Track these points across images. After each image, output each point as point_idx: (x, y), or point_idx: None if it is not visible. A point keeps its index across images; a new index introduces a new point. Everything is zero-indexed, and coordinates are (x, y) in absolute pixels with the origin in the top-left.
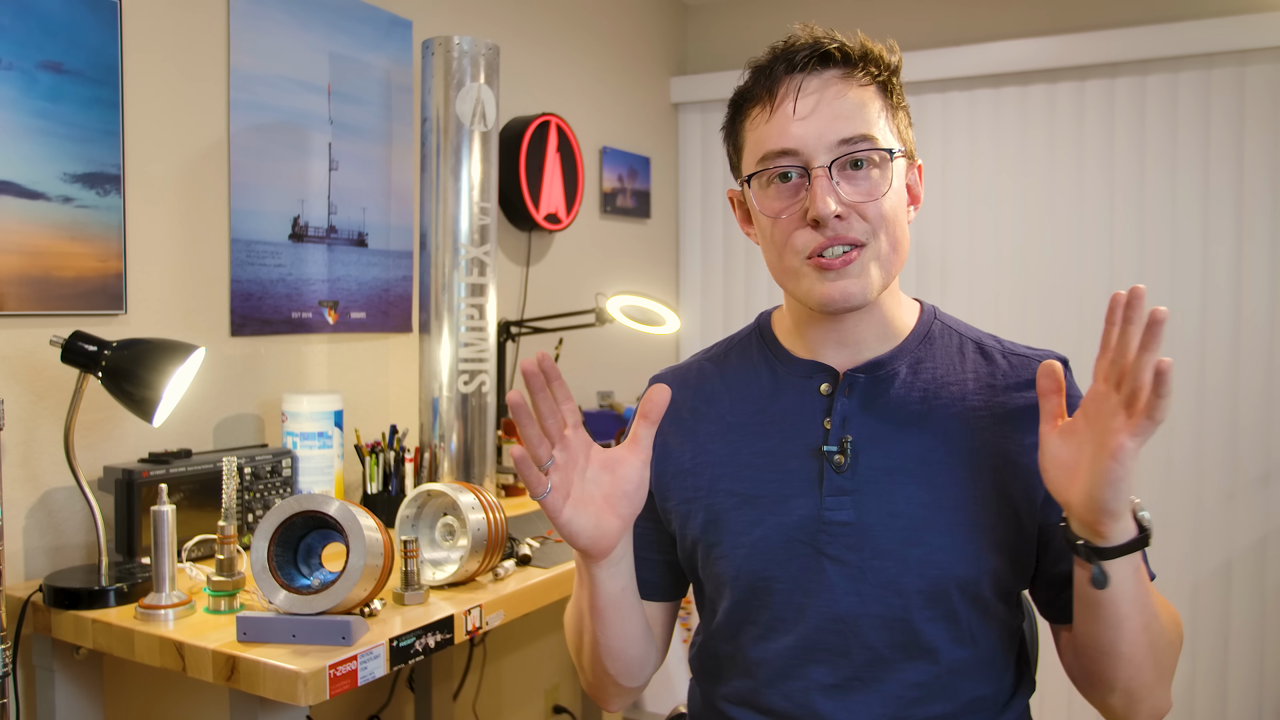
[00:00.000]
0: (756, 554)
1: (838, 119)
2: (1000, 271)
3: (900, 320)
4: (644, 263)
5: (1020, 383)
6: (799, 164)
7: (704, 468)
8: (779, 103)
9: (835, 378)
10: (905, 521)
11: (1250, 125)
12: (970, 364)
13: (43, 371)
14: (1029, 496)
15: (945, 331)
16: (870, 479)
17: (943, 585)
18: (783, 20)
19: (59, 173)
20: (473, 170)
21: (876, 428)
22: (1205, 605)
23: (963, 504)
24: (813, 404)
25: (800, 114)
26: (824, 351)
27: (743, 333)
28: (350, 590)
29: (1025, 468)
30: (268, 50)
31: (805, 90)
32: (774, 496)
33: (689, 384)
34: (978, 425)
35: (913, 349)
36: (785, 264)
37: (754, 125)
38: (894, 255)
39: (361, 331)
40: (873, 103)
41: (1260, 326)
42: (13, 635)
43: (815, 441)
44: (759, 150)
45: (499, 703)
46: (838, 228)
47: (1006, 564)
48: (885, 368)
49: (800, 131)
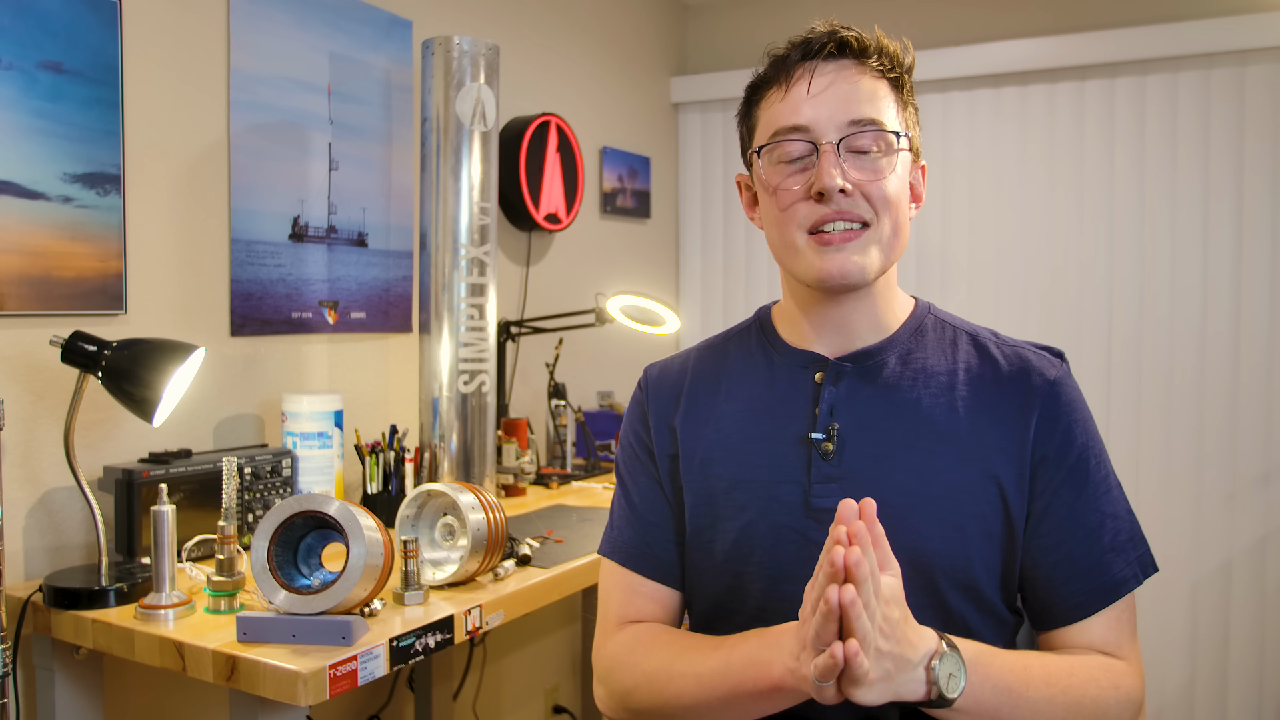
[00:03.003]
0: (744, 538)
1: (849, 101)
2: (1000, 271)
3: (893, 312)
4: (644, 263)
5: (1014, 373)
6: (809, 139)
7: (696, 451)
8: (794, 84)
9: (828, 366)
10: (891, 509)
11: (1250, 125)
12: (963, 355)
13: (43, 371)
14: (1018, 486)
15: (938, 325)
16: (857, 466)
17: (929, 573)
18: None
19: (59, 173)
20: (473, 170)
21: (864, 416)
22: (1205, 605)
23: (950, 492)
24: (805, 392)
25: (814, 93)
26: (818, 340)
27: (743, 324)
28: (350, 590)
29: (1015, 456)
30: (268, 50)
31: (820, 73)
32: (763, 482)
33: (686, 370)
34: (966, 414)
35: (903, 340)
36: (786, 239)
37: (768, 105)
38: (895, 240)
39: (361, 331)
40: (884, 93)
41: (1260, 326)
42: (13, 635)
43: (805, 428)
44: (771, 126)
45: (499, 703)
46: (842, 203)
47: (996, 553)
48: (874, 357)
49: (812, 110)
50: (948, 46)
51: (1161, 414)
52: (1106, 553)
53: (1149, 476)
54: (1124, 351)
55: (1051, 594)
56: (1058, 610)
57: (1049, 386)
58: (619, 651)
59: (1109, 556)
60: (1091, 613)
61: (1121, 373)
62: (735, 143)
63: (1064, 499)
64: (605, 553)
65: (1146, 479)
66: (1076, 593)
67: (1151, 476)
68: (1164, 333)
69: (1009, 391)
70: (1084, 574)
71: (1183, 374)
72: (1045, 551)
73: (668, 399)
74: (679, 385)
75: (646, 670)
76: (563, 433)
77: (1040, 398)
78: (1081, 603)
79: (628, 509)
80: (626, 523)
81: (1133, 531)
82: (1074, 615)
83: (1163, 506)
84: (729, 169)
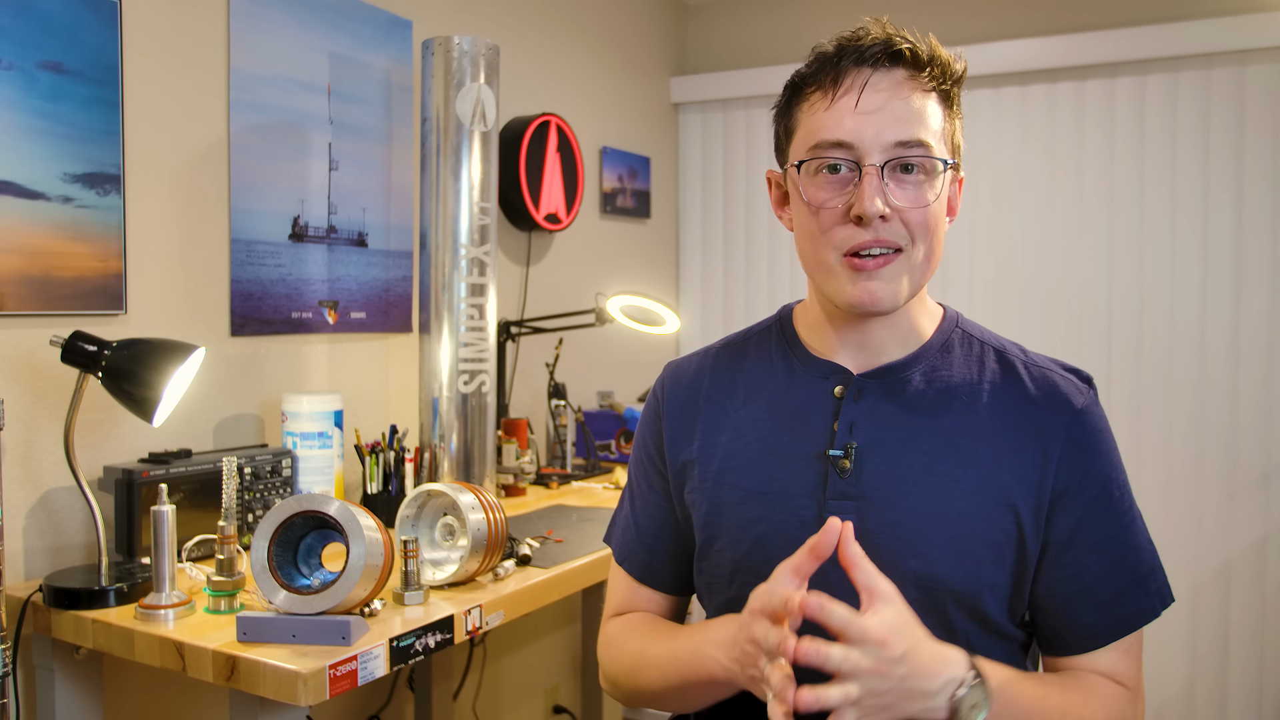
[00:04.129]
0: (756, 550)
1: (898, 120)
2: (1000, 271)
3: (922, 326)
4: (644, 263)
5: (1040, 398)
6: (851, 158)
7: (712, 459)
8: (841, 93)
9: (849, 380)
10: (905, 531)
11: (1250, 125)
12: (989, 373)
13: (43, 371)
14: (1035, 515)
15: (965, 339)
16: (874, 486)
17: (938, 598)
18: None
19: (59, 173)
20: (473, 170)
21: (884, 434)
22: (1205, 605)
23: (965, 518)
24: (824, 405)
25: (862, 109)
26: (842, 352)
27: (763, 324)
28: (350, 590)
29: (1035, 484)
30: (268, 50)
31: (870, 86)
32: (778, 495)
33: (705, 371)
34: (989, 438)
35: (929, 357)
36: (819, 257)
37: (811, 110)
38: (926, 266)
39: (361, 331)
40: (934, 110)
41: (1260, 326)
42: (13, 635)
43: (823, 444)
44: (813, 137)
45: (499, 703)
46: (880, 229)
47: (1006, 579)
48: (899, 374)
49: (858, 126)
50: (948, 46)
51: (1161, 414)
52: (1126, 585)
53: (1149, 476)
54: (1124, 351)
55: (1067, 623)
56: (1070, 640)
57: (1075, 416)
58: (609, 639)
59: (1128, 589)
60: (1106, 644)
61: (1122, 373)
62: (735, 143)
63: (1086, 532)
64: (609, 544)
65: (1147, 479)
66: (1093, 624)
67: (1151, 476)
68: (1164, 332)
69: (1033, 418)
70: (1102, 606)
71: (1183, 374)
72: (1064, 583)
73: (684, 401)
74: (696, 387)
75: (625, 658)
76: (563, 433)
77: (1065, 428)
78: (1097, 634)
79: (630, 514)
80: (629, 525)
81: (1153, 564)
82: (1088, 646)
83: (1163, 506)
84: (729, 169)
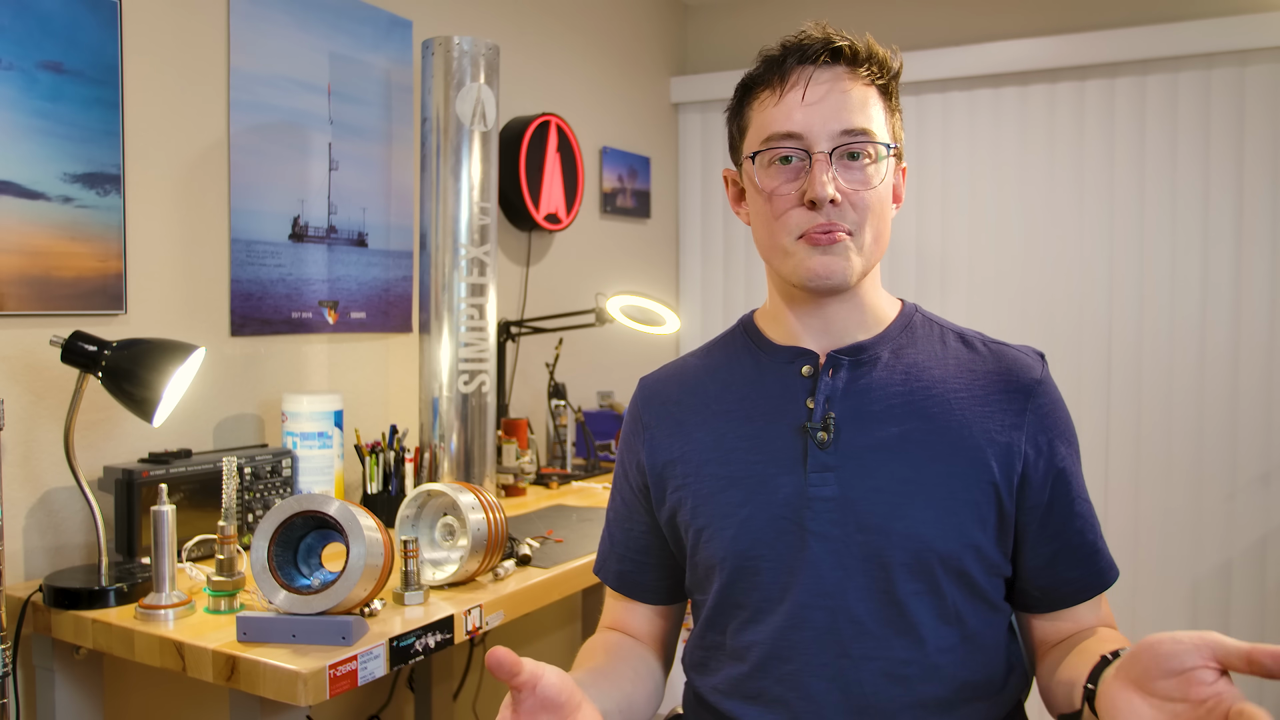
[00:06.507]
0: (744, 534)
1: (841, 110)
2: (1000, 271)
3: (881, 311)
4: (644, 263)
5: (1000, 369)
6: (801, 147)
7: (691, 455)
8: (789, 89)
9: (816, 361)
10: (888, 495)
11: (1250, 125)
12: (952, 351)
13: (43, 371)
14: (1008, 476)
15: (926, 323)
16: (853, 455)
17: (925, 559)
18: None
19: (59, 173)
20: (473, 170)
21: (859, 407)
22: (1205, 605)
23: (944, 480)
24: (795, 386)
25: (808, 101)
26: (806, 337)
27: (726, 332)
28: (350, 590)
29: (1005, 446)
30: (268, 50)
31: (814, 80)
32: (759, 476)
33: (675, 380)
34: (959, 406)
35: (894, 336)
36: (776, 241)
37: (762, 107)
38: (875, 247)
39: (361, 331)
40: (874, 101)
41: (1260, 326)
42: (13, 635)
43: (798, 421)
44: (764, 131)
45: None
46: (832, 213)
47: (989, 540)
48: (867, 351)
49: (806, 117)
50: (948, 46)
51: (1161, 414)
52: (1095, 541)
53: (1149, 476)
54: (1124, 351)
55: (1054, 579)
56: (1058, 595)
57: (1036, 385)
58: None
59: (1099, 545)
60: (1091, 596)
61: (1121, 372)
62: None
63: (1059, 491)
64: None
65: (1146, 479)
66: (1079, 578)
67: (1151, 476)
68: (1164, 332)
69: (998, 387)
70: (1083, 561)
71: (1183, 374)
72: (1047, 540)
73: (661, 408)
74: (670, 394)
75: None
76: (563, 433)
77: (1027, 398)
78: (1083, 587)
79: (610, 528)
80: (608, 539)
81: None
82: (1077, 599)
83: (1163, 506)
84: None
